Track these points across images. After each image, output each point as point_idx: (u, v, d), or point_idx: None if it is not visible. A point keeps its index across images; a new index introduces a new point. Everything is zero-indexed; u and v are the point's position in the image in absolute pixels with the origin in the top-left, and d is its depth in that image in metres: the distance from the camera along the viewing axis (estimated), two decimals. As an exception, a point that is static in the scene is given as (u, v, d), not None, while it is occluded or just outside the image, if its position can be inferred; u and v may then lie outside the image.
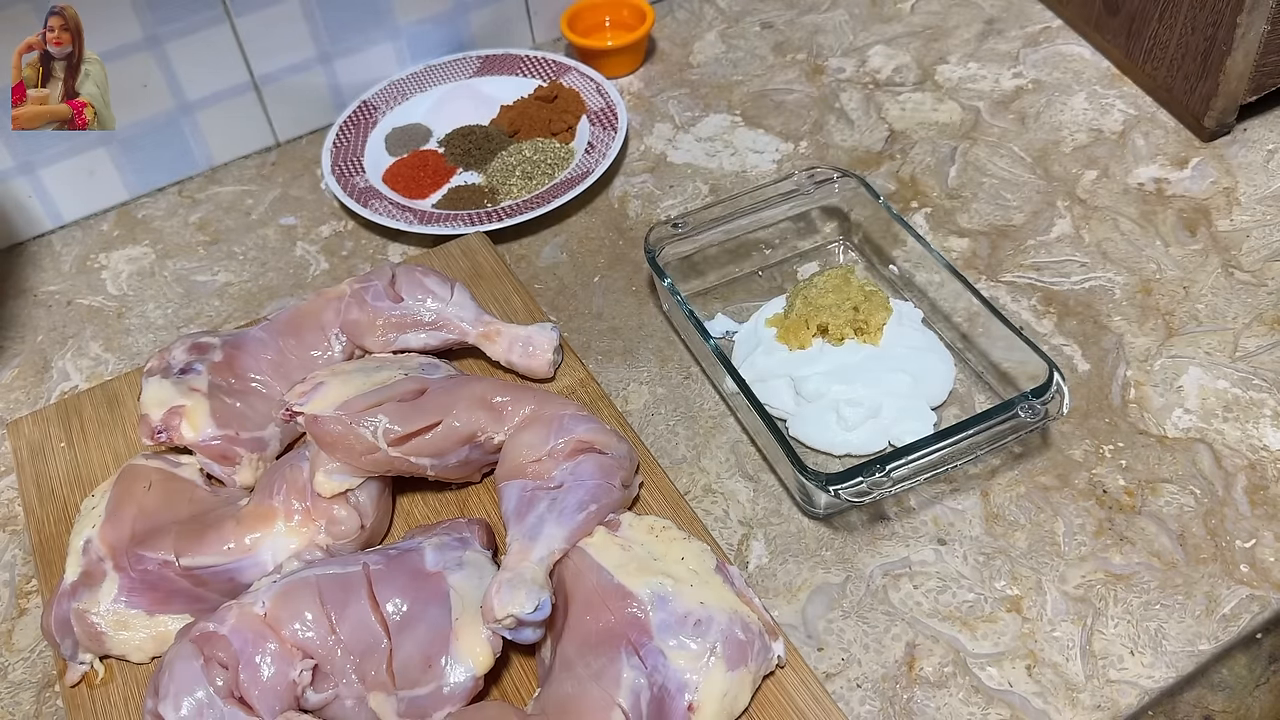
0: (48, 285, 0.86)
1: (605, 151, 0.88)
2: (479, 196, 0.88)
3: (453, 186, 0.90)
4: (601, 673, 0.54)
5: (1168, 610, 0.61)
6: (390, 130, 0.94)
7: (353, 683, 0.55)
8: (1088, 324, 0.75)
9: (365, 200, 0.86)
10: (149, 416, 0.66)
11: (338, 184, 0.87)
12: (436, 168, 0.91)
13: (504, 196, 0.88)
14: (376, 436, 0.61)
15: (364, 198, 0.86)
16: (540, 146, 0.91)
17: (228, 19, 0.87)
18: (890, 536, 0.65)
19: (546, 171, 0.89)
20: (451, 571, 0.58)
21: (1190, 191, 0.83)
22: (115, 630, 0.60)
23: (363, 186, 0.88)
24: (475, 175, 0.91)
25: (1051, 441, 0.69)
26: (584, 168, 0.88)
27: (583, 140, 0.92)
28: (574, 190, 0.85)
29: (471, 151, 0.92)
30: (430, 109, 0.96)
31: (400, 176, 0.90)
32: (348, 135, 0.92)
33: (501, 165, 0.90)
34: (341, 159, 0.90)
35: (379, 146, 0.93)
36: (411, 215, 0.85)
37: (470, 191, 0.89)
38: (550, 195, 0.85)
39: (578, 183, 0.85)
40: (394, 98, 0.96)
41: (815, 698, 0.57)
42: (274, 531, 0.61)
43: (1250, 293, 0.76)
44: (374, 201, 0.86)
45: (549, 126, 0.93)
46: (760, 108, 0.95)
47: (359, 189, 0.87)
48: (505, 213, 0.84)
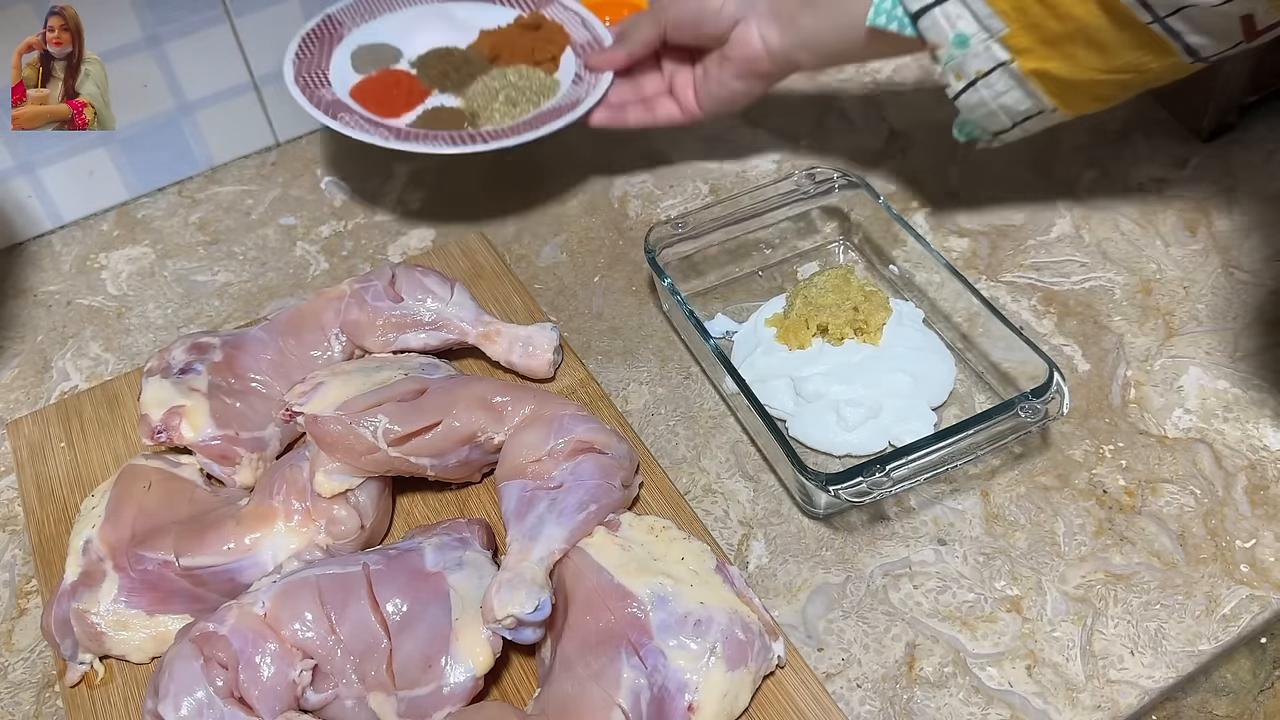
0: (47, 285, 0.86)
1: (594, 83, 0.84)
2: (457, 118, 0.83)
3: (428, 108, 0.85)
4: (601, 673, 0.54)
5: (1168, 610, 0.61)
6: (357, 48, 0.88)
7: (353, 683, 0.55)
8: (1088, 324, 0.75)
9: (334, 112, 0.80)
10: (149, 416, 0.66)
11: (302, 95, 0.81)
12: (410, 88, 0.86)
13: (485, 121, 0.83)
14: (376, 436, 0.61)
15: (332, 110, 0.80)
16: (525, 73, 0.85)
17: (228, 19, 0.87)
18: (890, 537, 0.65)
19: (531, 99, 0.84)
20: (451, 571, 0.58)
21: (1190, 191, 0.83)
22: (115, 630, 0.60)
23: (330, 99, 0.81)
24: (452, 98, 0.86)
25: (1051, 441, 0.69)
26: (572, 97, 0.83)
27: (568, 73, 0.87)
28: (563, 119, 0.80)
29: (449, 74, 0.86)
30: (400, 29, 0.90)
31: (370, 94, 0.84)
32: (311, 48, 0.85)
33: (483, 89, 0.85)
34: (306, 70, 0.83)
35: (344, 63, 0.86)
36: (386, 131, 0.79)
37: (448, 114, 0.84)
38: (537, 123, 0.80)
39: (566, 111, 0.81)
40: (361, 14, 0.90)
41: (815, 698, 0.57)
42: (274, 531, 0.61)
43: (1250, 293, 0.76)
44: (343, 114, 0.80)
45: (532, 55, 0.88)
46: (760, 107, 0.94)
47: (326, 101, 0.81)
48: (489, 135, 0.80)
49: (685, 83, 0.82)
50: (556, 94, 0.85)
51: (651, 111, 0.84)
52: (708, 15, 0.77)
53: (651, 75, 0.85)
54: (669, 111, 0.83)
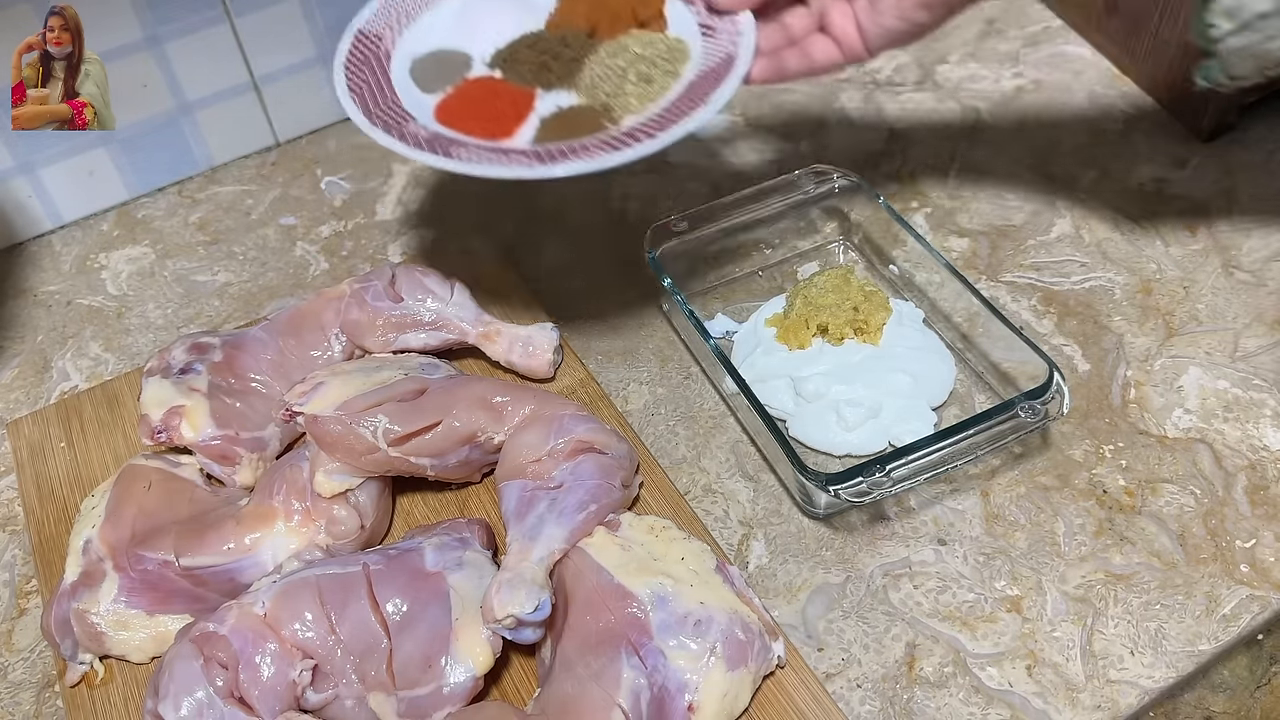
0: (47, 285, 0.86)
1: (735, 31, 0.67)
2: (590, 119, 0.65)
3: (546, 116, 0.67)
4: (601, 673, 0.54)
5: (1168, 610, 0.61)
6: (413, 63, 0.70)
7: (353, 683, 0.55)
8: (1088, 324, 0.75)
9: (447, 149, 0.62)
10: (149, 416, 0.66)
11: (392, 136, 0.63)
12: (509, 95, 0.68)
13: (622, 111, 0.66)
14: (376, 436, 0.61)
15: (442, 147, 0.62)
16: (645, 40, 0.68)
17: (227, 19, 0.87)
18: (890, 537, 0.65)
19: (668, 69, 0.67)
20: (451, 571, 0.58)
21: (1190, 191, 0.83)
22: (115, 630, 0.60)
23: (427, 135, 0.64)
24: (565, 94, 0.69)
25: (1052, 441, 0.68)
26: (716, 55, 0.66)
27: (679, 23, 0.70)
28: (728, 83, 0.63)
29: (548, 65, 0.69)
30: (452, 27, 0.72)
31: (463, 115, 0.67)
32: (361, 77, 0.68)
33: (603, 72, 0.67)
34: (374, 105, 0.65)
35: (408, 85, 0.69)
36: (528, 158, 0.61)
37: (576, 115, 0.66)
38: (698, 96, 0.63)
39: (723, 73, 0.64)
40: (395, 20, 0.71)
41: (815, 698, 0.57)
42: (274, 531, 0.61)
43: (1250, 293, 0.76)
44: (458, 150, 0.62)
45: (634, 15, 0.70)
46: (760, 108, 0.94)
47: (425, 138, 0.63)
48: (656, 126, 0.62)
49: (843, 16, 0.68)
50: (689, 55, 0.68)
51: (808, 56, 0.68)
52: None
53: (796, 10, 0.70)
54: (828, 54, 0.68)
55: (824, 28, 0.68)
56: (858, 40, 0.67)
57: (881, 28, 0.66)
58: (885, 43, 0.67)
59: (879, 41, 0.67)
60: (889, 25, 0.66)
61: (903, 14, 0.66)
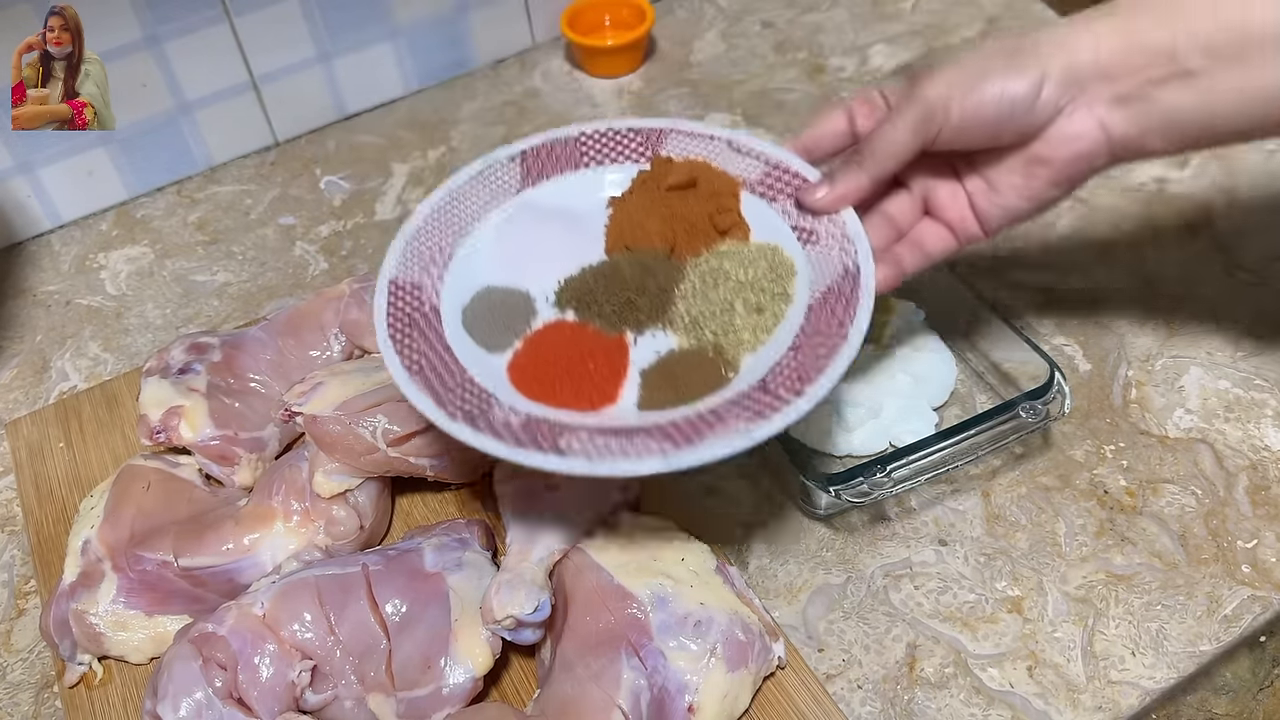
0: (46, 285, 0.86)
1: (841, 234, 0.57)
2: (705, 369, 0.55)
3: (644, 369, 0.56)
4: (601, 674, 0.54)
5: (1169, 611, 0.60)
6: (463, 313, 0.58)
7: (352, 684, 0.55)
8: (1089, 324, 0.75)
9: (554, 441, 0.50)
10: (148, 417, 0.66)
11: (480, 432, 0.50)
12: (594, 346, 0.57)
13: (737, 351, 0.55)
14: (375, 437, 0.61)
15: (545, 436, 0.51)
16: (739, 257, 0.58)
17: (227, 18, 0.86)
18: (891, 537, 0.65)
19: (777, 292, 0.56)
20: (451, 572, 0.58)
21: (1191, 191, 0.83)
22: (114, 631, 0.60)
23: (519, 420, 0.52)
24: (663, 336, 0.57)
25: (1053, 442, 0.68)
26: (829, 266, 0.56)
27: (766, 227, 0.59)
28: (862, 311, 0.53)
29: (634, 302, 0.57)
30: (498, 260, 0.60)
31: (548, 379, 0.55)
32: (415, 346, 0.55)
33: (705, 308, 0.57)
34: (445, 387, 0.53)
35: (468, 346, 0.56)
36: (657, 441, 0.50)
37: (685, 364, 0.55)
38: (826, 334, 0.53)
39: (850, 292, 0.54)
40: (431, 263, 0.59)
41: (816, 699, 0.57)
42: (273, 532, 0.61)
43: (1252, 292, 0.76)
44: (569, 439, 0.51)
45: (714, 224, 0.60)
46: (761, 107, 0.94)
47: (519, 426, 0.51)
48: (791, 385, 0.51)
49: (951, 199, 0.59)
50: (796, 270, 0.57)
51: (922, 249, 0.60)
52: (1017, 108, 0.54)
53: (897, 196, 0.61)
54: (944, 243, 0.60)
55: (930, 210, 0.61)
56: (974, 224, 0.59)
57: (1004, 209, 0.58)
58: (1007, 223, 0.59)
59: (1000, 223, 0.59)
60: (1013, 206, 0.58)
61: (1031, 194, 0.57)
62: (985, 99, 0.54)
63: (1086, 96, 0.54)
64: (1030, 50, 0.54)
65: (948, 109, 0.54)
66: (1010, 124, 0.55)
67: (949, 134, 0.55)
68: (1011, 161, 0.57)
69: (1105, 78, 0.53)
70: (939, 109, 0.54)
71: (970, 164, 0.59)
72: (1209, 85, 0.52)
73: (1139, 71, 0.53)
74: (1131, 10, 0.54)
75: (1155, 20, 0.53)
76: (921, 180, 0.60)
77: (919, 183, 0.60)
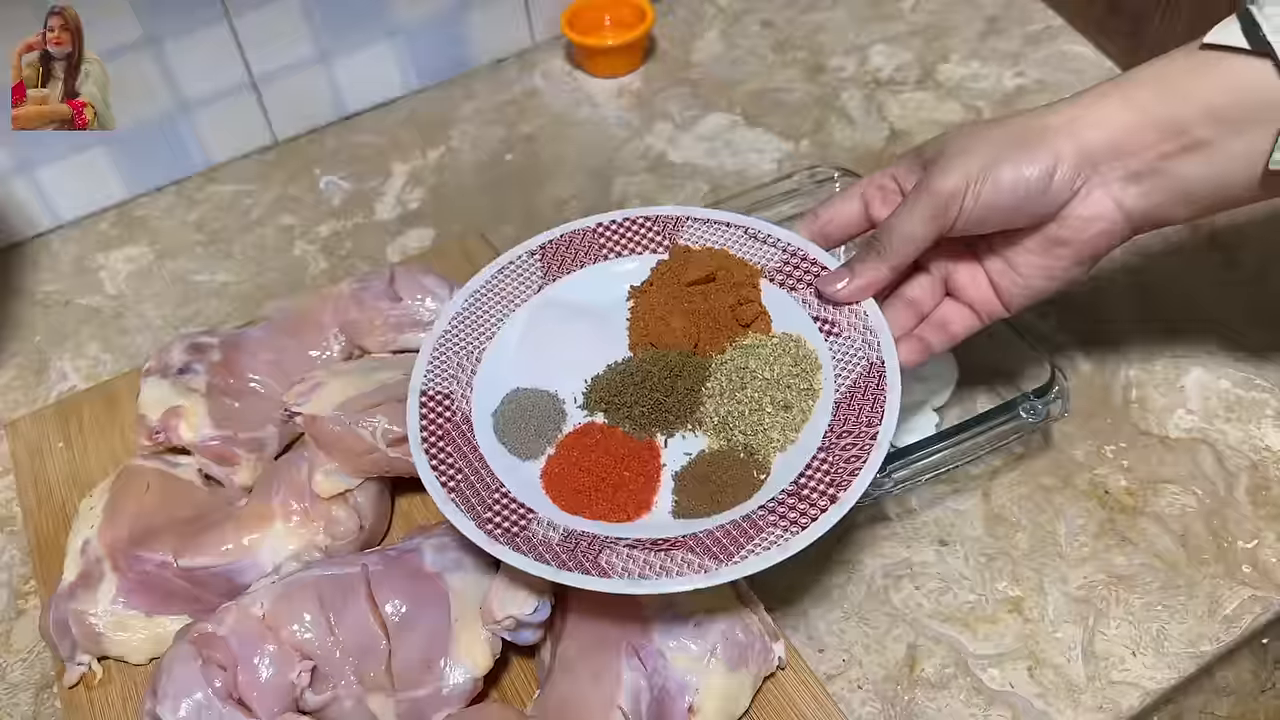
0: (46, 285, 0.86)
1: (868, 326, 0.57)
2: (737, 472, 0.55)
3: (677, 473, 0.57)
4: (601, 674, 0.54)
5: (1170, 611, 0.60)
6: (494, 421, 0.59)
7: (351, 684, 0.55)
8: (1089, 324, 0.75)
9: (594, 559, 0.51)
10: (147, 417, 0.66)
11: (522, 554, 0.51)
12: (626, 451, 0.57)
13: (766, 452, 0.56)
14: (375, 437, 0.61)
15: (585, 554, 0.52)
16: (763, 354, 0.58)
17: (226, 19, 0.86)
18: (891, 537, 0.65)
19: (804, 388, 0.57)
20: (450, 572, 0.58)
21: (1192, 191, 0.83)
22: (113, 631, 0.60)
23: (558, 536, 0.53)
24: (695, 438, 0.58)
25: (1053, 442, 0.68)
26: (853, 359, 0.57)
27: (787, 317, 0.60)
28: (890, 410, 0.54)
29: (663, 404, 0.58)
30: (524, 362, 0.61)
31: (581, 488, 0.56)
32: (448, 455, 0.56)
33: (733, 407, 0.57)
34: (484, 505, 0.54)
35: (498, 453, 0.57)
36: (698, 556, 0.51)
37: (717, 468, 0.56)
38: (854, 435, 0.54)
39: (875, 389, 0.55)
40: (458, 369, 0.59)
41: (816, 699, 0.57)
42: (272, 532, 0.61)
43: (1251, 292, 0.76)
44: (608, 556, 0.51)
45: (736, 317, 0.60)
46: (761, 106, 0.94)
47: (557, 543, 0.52)
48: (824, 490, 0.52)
49: (972, 280, 0.60)
50: (820, 365, 0.58)
51: (946, 330, 0.61)
52: (1032, 192, 0.54)
53: (917, 281, 0.61)
54: (966, 323, 0.61)
55: (951, 292, 0.61)
56: (996, 303, 0.60)
57: (1027, 289, 0.59)
58: (1030, 301, 0.60)
59: (1022, 301, 0.59)
60: (1035, 285, 0.59)
61: (1053, 274, 0.58)
62: (1001, 187, 0.54)
63: (1100, 176, 0.55)
64: (1039, 135, 0.54)
65: (962, 199, 0.55)
66: (1026, 208, 0.55)
67: (965, 222, 0.56)
68: (1029, 243, 0.57)
69: (1117, 156, 0.54)
70: (954, 199, 0.55)
71: (989, 246, 0.59)
72: (1220, 152, 0.52)
73: (1151, 147, 0.53)
74: (1133, 87, 0.54)
75: (1157, 94, 0.53)
76: (941, 263, 0.61)
77: (938, 266, 0.61)
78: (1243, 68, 0.51)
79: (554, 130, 0.95)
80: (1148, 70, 0.54)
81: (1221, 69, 0.52)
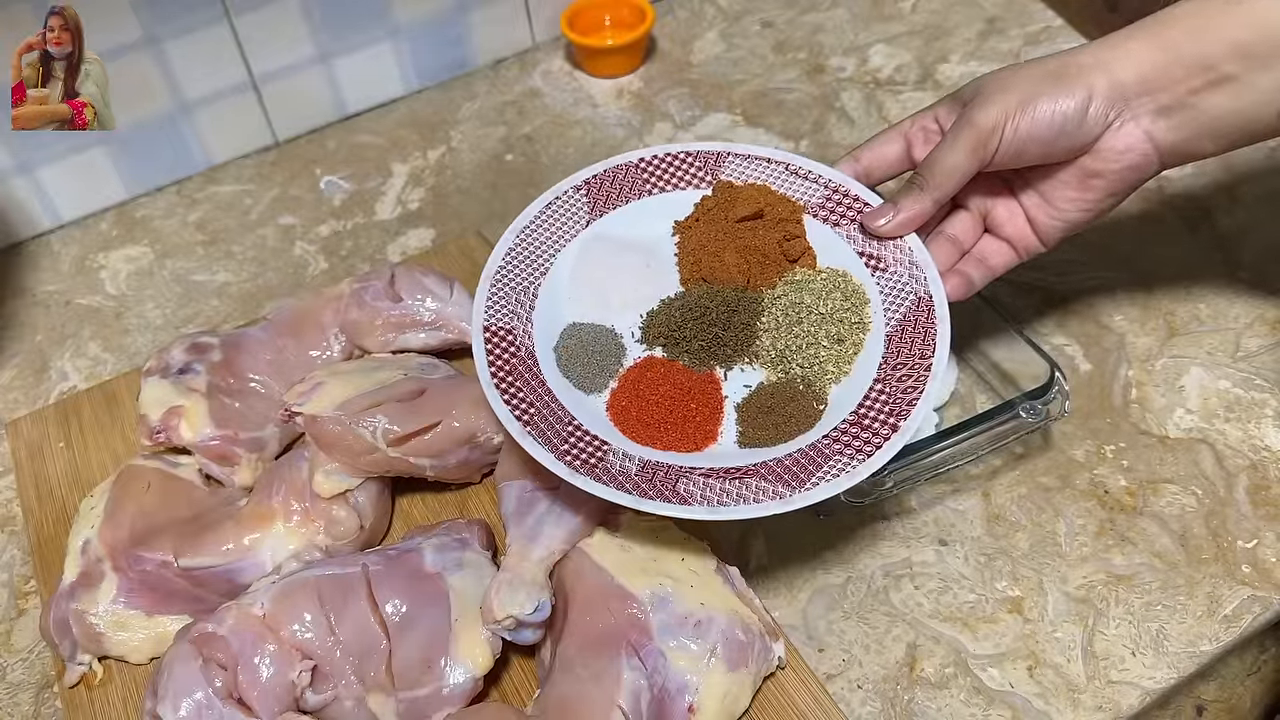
0: (46, 285, 0.86)
1: (913, 262, 0.59)
2: (798, 404, 0.57)
3: (738, 404, 0.58)
4: (602, 674, 0.54)
5: (1169, 611, 0.60)
6: (556, 356, 0.59)
7: (352, 684, 0.55)
8: (1089, 324, 0.75)
9: (672, 487, 0.53)
10: (147, 417, 0.66)
11: (604, 484, 0.53)
12: (689, 384, 0.59)
13: (823, 384, 0.58)
14: (376, 437, 0.61)
15: (664, 483, 0.53)
16: (814, 288, 0.60)
17: (227, 18, 0.86)
18: (891, 537, 0.65)
19: (855, 322, 0.59)
20: (451, 572, 0.58)
21: (1191, 190, 0.83)
22: (114, 631, 0.60)
23: (635, 467, 0.54)
24: (751, 371, 0.60)
25: (1053, 442, 0.68)
26: (901, 294, 0.59)
27: (831, 252, 0.61)
28: (941, 340, 0.56)
29: (720, 338, 0.59)
30: (580, 297, 0.62)
31: (649, 420, 0.57)
32: (517, 390, 0.56)
33: (790, 340, 0.59)
34: (560, 438, 0.55)
35: (564, 387, 0.58)
36: (769, 483, 0.53)
37: (777, 400, 0.57)
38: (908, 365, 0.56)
39: (925, 322, 0.57)
40: (518, 306, 0.60)
41: (816, 699, 0.57)
42: (273, 532, 0.61)
43: (1252, 292, 0.76)
44: (686, 484, 0.53)
45: (784, 253, 0.62)
46: (761, 107, 0.94)
47: (635, 473, 0.54)
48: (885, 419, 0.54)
49: (1009, 216, 0.62)
50: (869, 299, 0.60)
51: (986, 264, 0.63)
52: (1069, 125, 0.57)
53: (957, 217, 0.64)
54: (1005, 257, 0.63)
55: (989, 228, 0.64)
56: (1032, 237, 0.63)
57: (1061, 221, 0.61)
58: (1065, 234, 0.62)
59: (1058, 234, 0.62)
60: (1072, 219, 0.61)
61: (1088, 206, 0.60)
62: (1038, 120, 0.57)
63: (1131, 110, 0.57)
64: (1074, 71, 0.57)
65: (1002, 131, 0.57)
66: (1062, 141, 0.58)
67: (1004, 155, 0.58)
68: (1065, 176, 0.60)
69: (1148, 91, 0.57)
70: (994, 131, 0.57)
71: (1025, 182, 0.62)
72: (1247, 87, 0.55)
73: (1180, 83, 0.56)
74: (1161, 26, 0.57)
75: (1186, 32, 0.56)
76: (979, 200, 0.63)
77: (976, 202, 0.63)
78: (1269, 5, 0.54)
79: (554, 130, 0.95)
80: (1178, 9, 0.57)
81: (1248, 6, 0.54)
